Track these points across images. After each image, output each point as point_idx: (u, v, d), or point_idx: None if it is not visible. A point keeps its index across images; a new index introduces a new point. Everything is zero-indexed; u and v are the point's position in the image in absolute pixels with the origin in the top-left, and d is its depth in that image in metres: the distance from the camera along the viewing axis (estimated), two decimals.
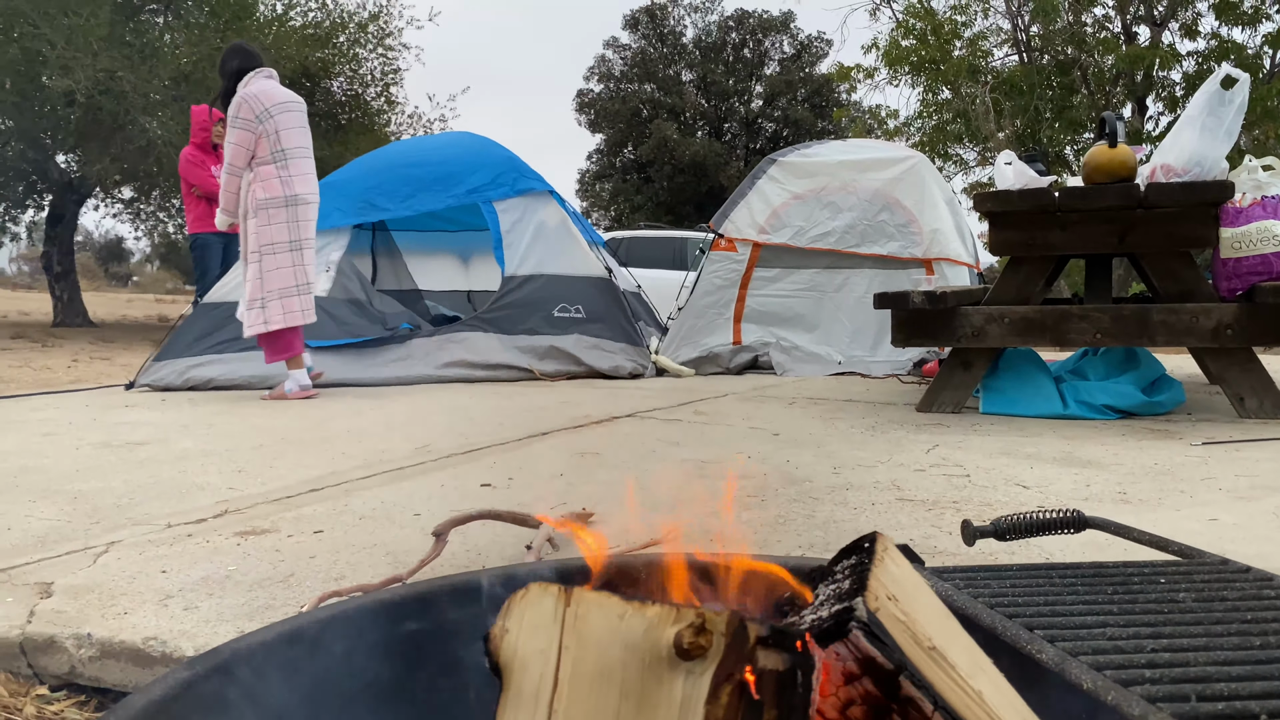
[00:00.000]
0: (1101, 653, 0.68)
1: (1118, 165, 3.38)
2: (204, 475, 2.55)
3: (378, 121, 16.42)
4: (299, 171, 4.57)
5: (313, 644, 0.73)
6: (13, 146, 12.73)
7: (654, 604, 0.43)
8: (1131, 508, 2.05)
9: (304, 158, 4.63)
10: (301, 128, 4.65)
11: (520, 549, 1.73)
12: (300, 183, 4.57)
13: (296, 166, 4.57)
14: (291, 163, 4.55)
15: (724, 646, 0.42)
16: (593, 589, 0.45)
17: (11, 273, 41.14)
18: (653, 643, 0.42)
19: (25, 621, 1.42)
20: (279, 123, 4.52)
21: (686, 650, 0.42)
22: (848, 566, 0.57)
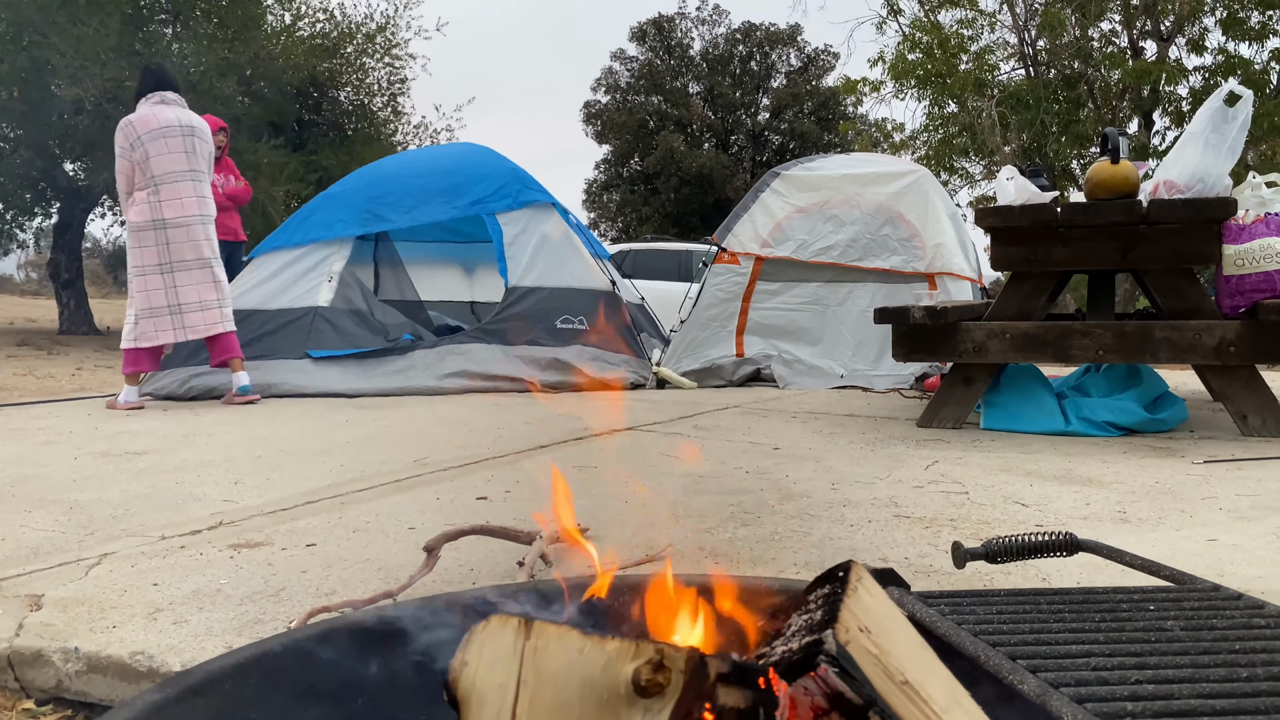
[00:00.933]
0: (1085, 684, 0.67)
1: (1120, 181, 3.37)
2: (201, 486, 2.55)
3: (384, 131, 16.44)
4: (170, 196, 4.71)
5: (284, 668, 0.72)
6: (21, 154, 12.76)
7: (613, 639, 0.42)
8: (1131, 527, 2.03)
9: (177, 182, 4.73)
10: (180, 153, 4.75)
11: (513, 564, 1.72)
12: (170, 207, 4.71)
13: (168, 191, 4.70)
14: (162, 188, 4.69)
15: (683, 684, 0.41)
16: (556, 622, 0.44)
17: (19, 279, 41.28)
18: (611, 679, 0.42)
19: (13, 635, 1.42)
20: (149, 150, 4.67)
21: (644, 687, 0.41)
22: (821, 596, 0.56)
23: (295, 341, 5.20)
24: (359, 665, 0.78)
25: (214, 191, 6.25)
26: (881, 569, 0.86)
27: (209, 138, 4.95)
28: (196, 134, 4.83)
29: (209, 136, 4.96)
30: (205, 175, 4.85)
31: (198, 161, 4.79)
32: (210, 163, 4.95)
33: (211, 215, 4.89)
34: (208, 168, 4.90)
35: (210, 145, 4.96)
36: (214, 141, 6.44)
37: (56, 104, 11.27)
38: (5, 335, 12.30)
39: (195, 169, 4.78)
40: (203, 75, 11.70)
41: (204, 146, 4.87)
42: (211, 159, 4.98)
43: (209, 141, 4.94)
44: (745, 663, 0.43)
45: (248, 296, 5.40)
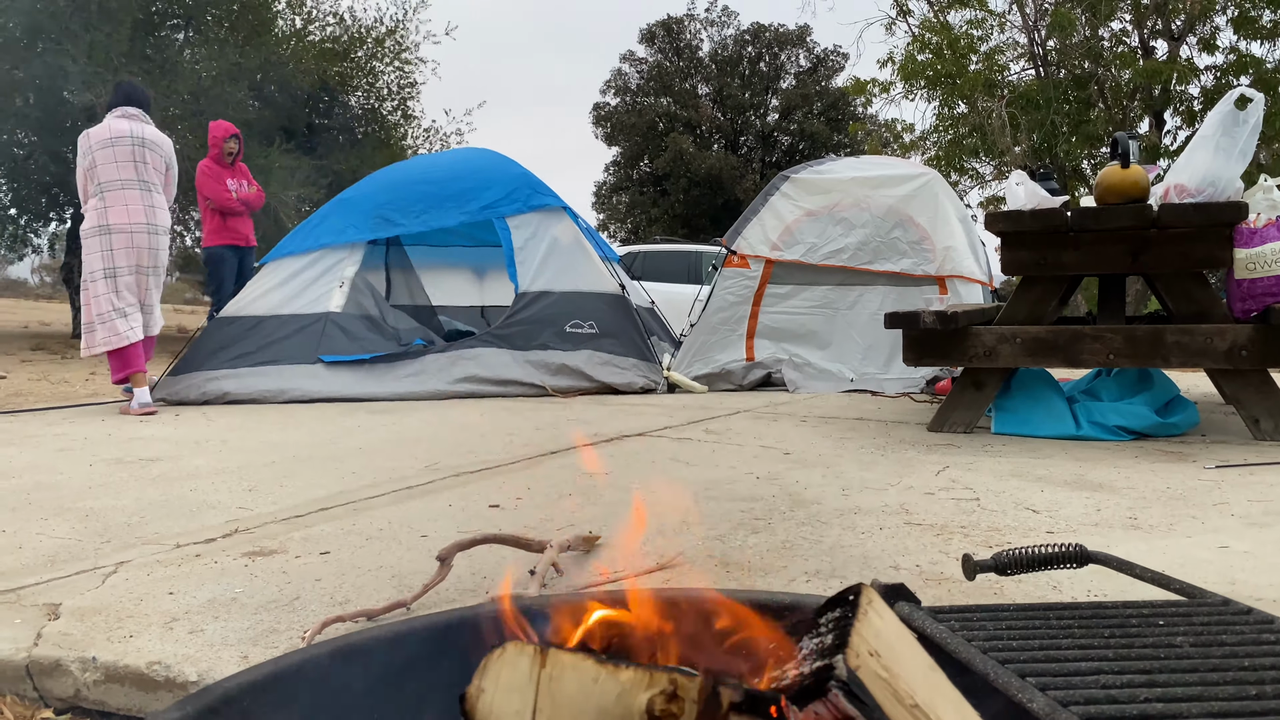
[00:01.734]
0: (1094, 702, 0.67)
1: (1130, 186, 3.37)
2: (215, 493, 2.57)
3: (395, 135, 16.50)
4: (115, 203, 4.83)
5: (300, 685, 0.73)
6: (35, 160, 12.86)
7: (627, 668, 0.43)
8: (1142, 534, 2.03)
9: (123, 189, 4.86)
10: (129, 162, 4.89)
11: (525, 573, 1.73)
12: (115, 213, 4.83)
13: (113, 198, 4.83)
14: (107, 194, 4.83)
15: (696, 713, 0.42)
16: (569, 648, 0.45)
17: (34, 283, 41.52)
18: (625, 708, 0.42)
19: (32, 644, 1.43)
20: (97, 158, 4.85)
21: (659, 717, 0.42)
22: (832, 619, 0.56)
23: (307, 347, 5.23)
24: (374, 682, 0.79)
25: (228, 196, 6.35)
26: (892, 585, 0.87)
27: (167, 152, 5.06)
28: (149, 145, 4.95)
29: (168, 151, 5.06)
30: (158, 186, 4.95)
31: (148, 172, 4.91)
32: (168, 176, 5.07)
33: (162, 225, 4.96)
34: (162, 180, 5.00)
35: (170, 159, 5.07)
36: (226, 147, 6.53)
37: (70, 110, 11.34)
38: (20, 339, 12.38)
39: (145, 179, 4.89)
40: (214, 80, 11.77)
41: (157, 158, 4.97)
42: (171, 172, 5.09)
43: (166, 155, 5.04)
44: (757, 691, 0.44)
45: (260, 302, 5.43)
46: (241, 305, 5.45)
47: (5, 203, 14.28)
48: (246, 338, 5.26)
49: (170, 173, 5.10)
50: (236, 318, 5.38)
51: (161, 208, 4.96)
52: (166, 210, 5.02)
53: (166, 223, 5.00)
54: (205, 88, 11.73)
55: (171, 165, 5.12)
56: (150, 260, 4.91)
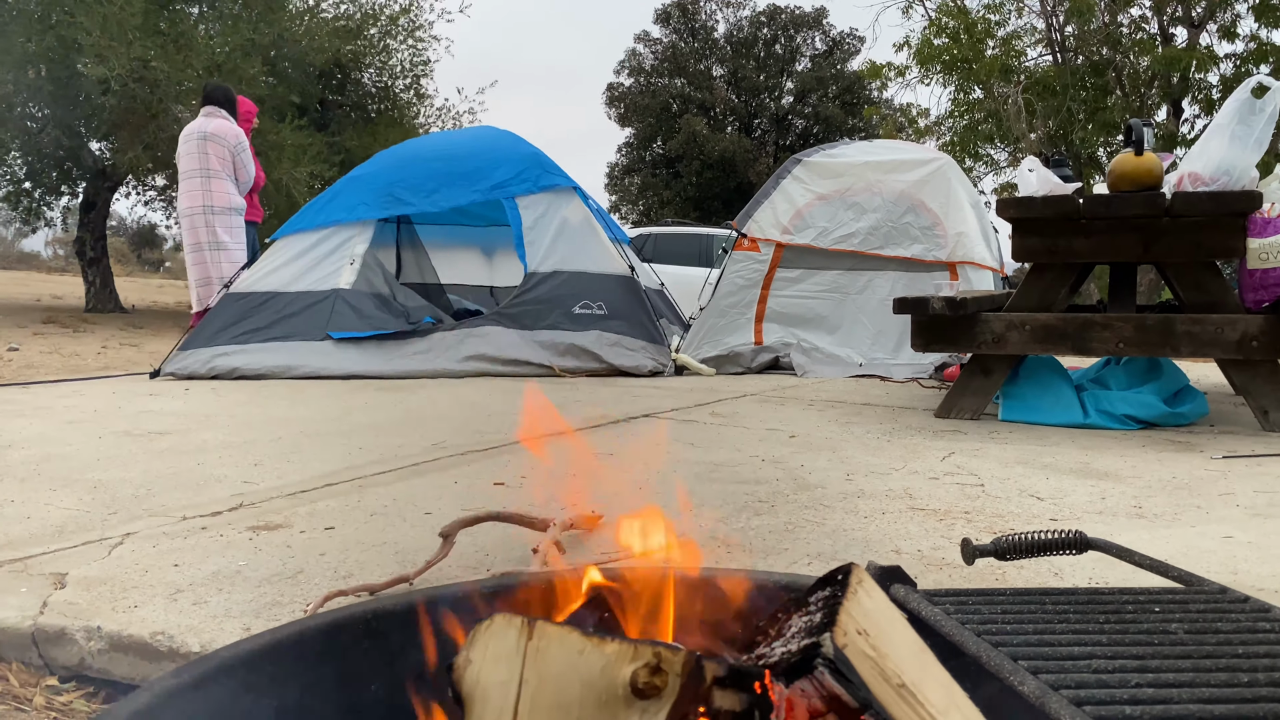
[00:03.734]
0: (1084, 686, 0.67)
1: (1143, 173, 3.35)
2: (222, 467, 2.58)
3: (407, 114, 16.48)
4: (183, 190, 5.90)
5: (296, 655, 0.74)
6: (48, 133, 12.88)
7: (612, 641, 0.43)
8: (1146, 523, 2.03)
9: (187, 179, 5.87)
10: (193, 154, 5.81)
11: (527, 550, 1.73)
12: (181, 200, 5.91)
13: (182, 187, 5.90)
14: (180, 184, 5.89)
15: (679, 687, 0.42)
16: (556, 621, 0.45)
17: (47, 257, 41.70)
18: (609, 680, 0.43)
19: (38, 612, 1.44)
20: (179, 153, 5.90)
21: (642, 689, 0.42)
22: (821, 598, 0.57)
23: (316, 323, 5.24)
24: (371, 653, 0.79)
25: (261, 174, 6.74)
26: (888, 566, 0.87)
27: (230, 141, 5.87)
28: (210, 138, 5.77)
29: (230, 140, 5.88)
30: (218, 173, 5.78)
31: (209, 161, 5.73)
32: (235, 162, 5.89)
33: (216, 207, 5.81)
34: (227, 167, 5.83)
35: (233, 147, 5.89)
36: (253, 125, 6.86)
37: (83, 83, 11.35)
38: (33, 312, 12.44)
39: (206, 167, 5.72)
40: (227, 56, 11.75)
41: (220, 148, 5.80)
42: (239, 158, 5.90)
43: (229, 144, 5.85)
44: (742, 666, 0.44)
45: (270, 278, 5.44)
46: (252, 281, 5.46)
47: (19, 175, 14.33)
48: (256, 313, 5.28)
49: (239, 157, 5.88)
50: (247, 293, 5.40)
51: (215, 190, 5.76)
52: (228, 193, 5.83)
53: (224, 204, 5.82)
54: (219, 63, 11.72)
55: (237, 152, 5.89)
56: (202, 238, 5.78)
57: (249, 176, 6.03)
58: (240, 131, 6.04)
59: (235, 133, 5.91)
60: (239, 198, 6.01)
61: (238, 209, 5.98)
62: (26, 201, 14.74)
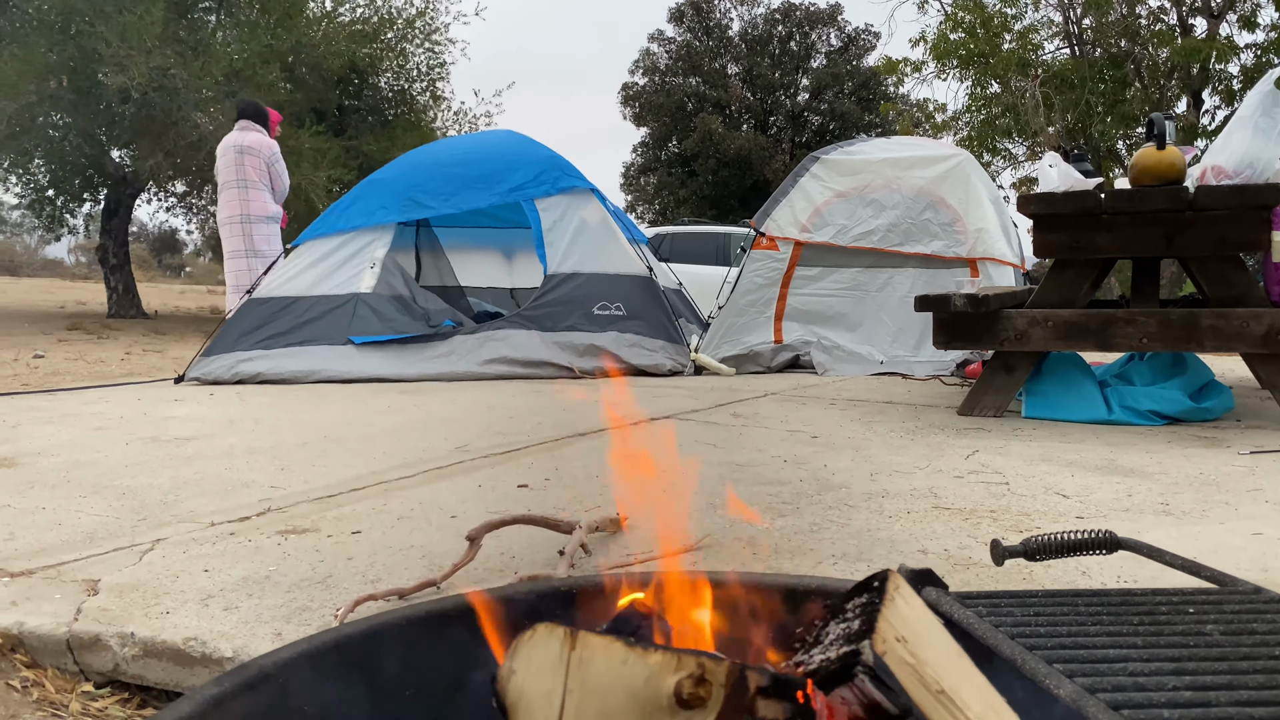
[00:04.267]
0: (1121, 690, 0.67)
1: (1166, 168, 3.32)
2: (248, 472, 2.60)
3: (424, 117, 16.54)
4: (222, 201, 6.24)
5: (334, 662, 0.75)
6: (70, 141, 13.01)
7: (656, 651, 0.43)
8: (1173, 519, 2.02)
9: (225, 190, 6.17)
10: (231, 165, 6.12)
11: (553, 553, 1.74)
12: (220, 210, 6.24)
13: (222, 198, 6.24)
14: (220, 194, 6.23)
15: (723, 697, 0.42)
16: (598, 632, 0.45)
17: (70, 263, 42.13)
18: (654, 691, 0.43)
19: (72, 619, 1.46)
20: (218, 165, 6.24)
21: (686, 700, 0.42)
22: (859, 605, 0.57)
23: (338, 327, 5.27)
24: (408, 660, 0.80)
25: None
26: (919, 570, 0.87)
27: (265, 153, 6.15)
28: (246, 151, 6.05)
29: (265, 151, 6.16)
30: (255, 184, 6.05)
31: (246, 172, 6.00)
32: (271, 171, 6.16)
33: (254, 216, 6.05)
34: (260, 177, 6.08)
35: (268, 158, 6.16)
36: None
37: (104, 92, 11.45)
38: (57, 319, 12.57)
39: (243, 179, 6.00)
40: (246, 63, 11.83)
41: (255, 160, 6.08)
42: (274, 168, 6.18)
43: (264, 155, 6.13)
44: (784, 675, 0.44)
45: (293, 283, 5.48)
46: (274, 286, 5.50)
47: (42, 183, 14.48)
48: (279, 318, 5.32)
49: (274, 168, 6.15)
50: (269, 298, 5.43)
51: (252, 199, 6.04)
52: (265, 203, 6.10)
53: (259, 212, 6.09)
54: (238, 70, 11.80)
55: (271, 163, 6.16)
56: (239, 245, 6.04)
57: (284, 186, 6.33)
58: (273, 143, 6.30)
59: (269, 145, 6.20)
60: (275, 206, 6.27)
61: (274, 217, 6.23)
62: (50, 209, 14.90)
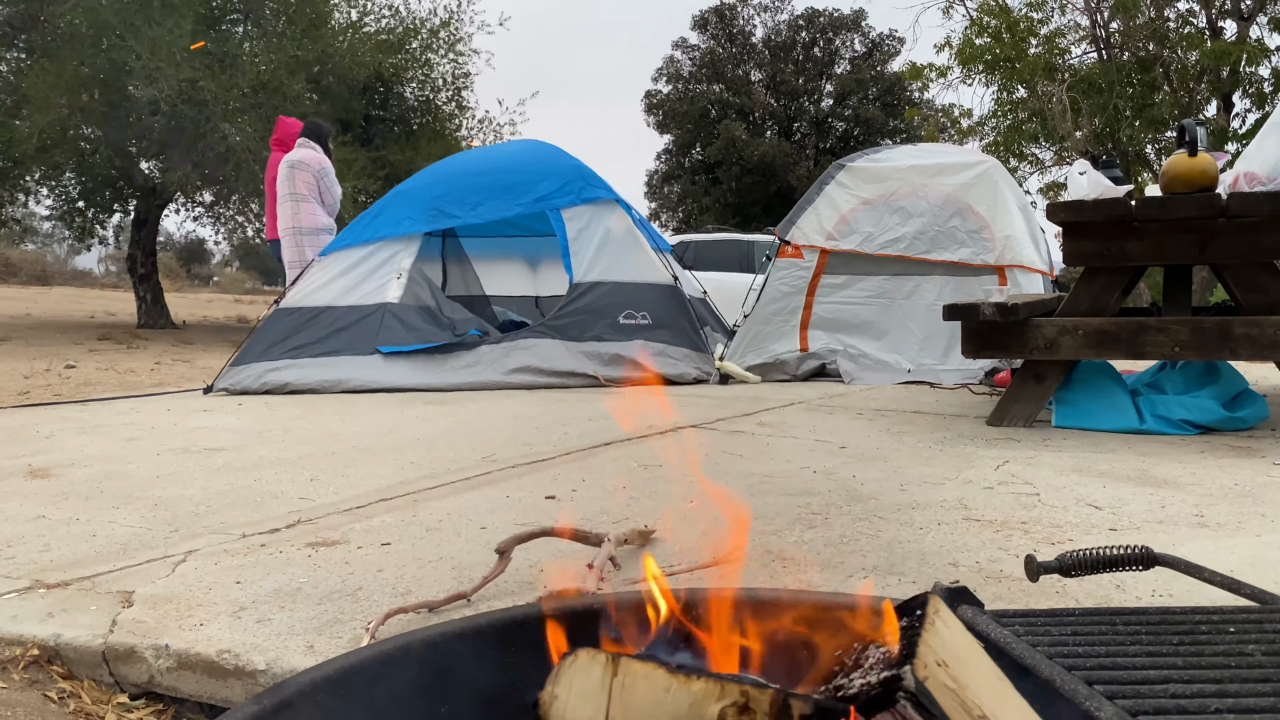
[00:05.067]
0: (1163, 712, 0.66)
1: (1198, 174, 3.29)
2: (278, 484, 2.62)
3: (449, 126, 16.65)
4: (273, 216, 6.67)
5: (370, 680, 0.75)
6: (101, 154, 13.19)
7: (699, 679, 0.43)
8: (1209, 532, 1.99)
9: (279, 204, 6.48)
10: (284, 181, 6.45)
11: (582, 565, 1.74)
12: (271, 226, 6.69)
13: (275, 211, 6.61)
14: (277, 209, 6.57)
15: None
16: (640, 657, 0.45)
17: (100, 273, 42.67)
18: (698, 718, 0.43)
19: (108, 631, 1.48)
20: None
21: None
22: (899, 629, 0.56)
23: (366, 337, 5.31)
24: (443, 677, 0.80)
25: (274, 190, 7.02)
26: (955, 587, 0.86)
27: (314, 167, 6.45)
28: (296, 166, 6.37)
29: (314, 166, 6.46)
30: (305, 197, 6.35)
31: (296, 186, 6.32)
32: (320, 185, 6.44)
33: (304, 228, 6.35)
34: (310, 190, 6.37)
35: (317, 171, 6.45)
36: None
37: (133, 105, 11.61)
38: (88, 329, 12.72)
39: (294, 192, 6.32)
40: (273, 74, 11.95)
41: (306, 174, 6.37)
42: (324, 181, 6.47)
43: (313, 169, 6.42)
44: (827, 701, 0.44)
45: (320, 294, 5.52)
46: (302, 296, 5.54)
47: (73, 195, 14.68)
48: (306, 328, 5.36)
49: (323, 181, 6.44)
50: (297, 308, 5.48)
51: (302, 212, 6.34)
52: (315, 214, 6.38)
53: (313, 224, 6.37)
54: (264, 81, 11.92)
55: (320, 176, 6.45)
56: (291, 257, 6.31)
57: (334, 199, 6.57)
58: (324, 159, 6.58)
59: (319, 159, 6.48)
60: (326, 218, 6.50)
61: (325, 229, 6.44)
62: (80, 220, 15.11)
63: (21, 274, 34.65)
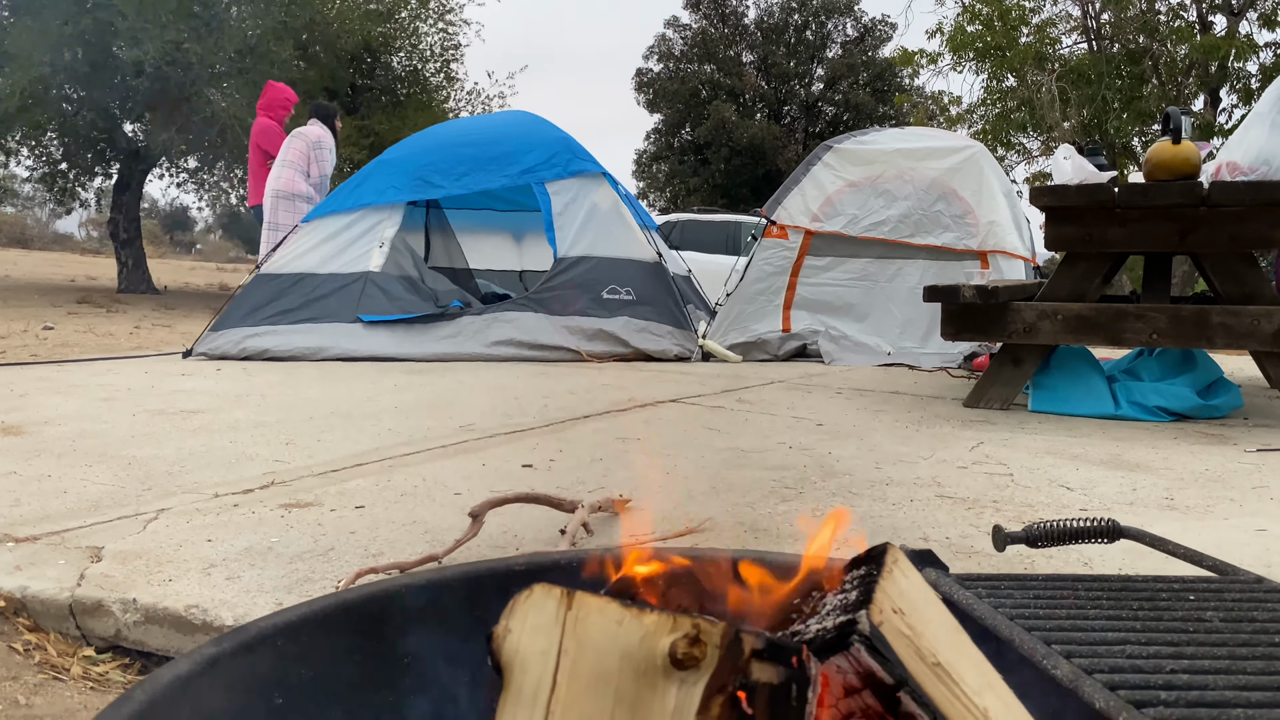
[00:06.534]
0: (1118, 671, 0.67)
1: (1180, 162, 3.30)
2: (253, 446, 2.61)
3: (437, 98, 16.52)
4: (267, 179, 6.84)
5: (333, 627, 0.75)
6: (84, 115, 13.03)
7: (652, 612, 0.43)
8: (1178, 515, 2.01)
9: (274, 168, 6.68)
10: (281, 148, 6.70)
11: (555, 532, 1.74)
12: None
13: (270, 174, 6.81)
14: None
15: (718, 658, 0.42)
16: (597, 593, 0.45)
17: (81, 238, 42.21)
18: (648, 651, 0.43)
19: (75, 584, 1.47)
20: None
21: (681, 660, 0.42)
22: (856, 577, 0.57)
23: (347, 305, 5.28)
24: (407, 628, 0.80)
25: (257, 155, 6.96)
26: (920, 550, 0.87)
27: (308, 137, 6.62)
28: (296, 135, 6.65)
29: (309, 136, 6.62)
30: (293, 164, 6.54)
31: (289, 153, 6.58)
32: (312, 156, 6.62)
33: (282, 191, 6.49)
34: (299, 158, 6.57)
35: (312, 143, 6.62)
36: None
37: (118, 66, 11.46)
38: (67, 292, 12.60)
39: (285, 159, 6.56)
40: (260, 39, 11.82)
41: (299, 144, 6.60)
42: (316, 153, 6.64)
43: (306, 140, 6.61)
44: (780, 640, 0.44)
45: (301, 260, 5.48)
46: (283, 263, 5.51)
47: (55, 156, 14.51)
48: (287, 295, 5.32)
49: (314, 153, 6.63)
50: (278, 275, 5.44)
51: (289, 179, 6.50)
52: (295, 181, 6.53)
53: (291, 189, 6.51)
54: (251, 46, 11.79)
55: (313, 148, 6.63)
56: (271, 218, 6.44)
57: (320, 174, 6.67)
58: (322, 132, 6.75)
59: (318, 133, 6.70)
60: (305, 186, 6.58)
61: (300, 195, 6.51)
62: (61, 182, 14.93)
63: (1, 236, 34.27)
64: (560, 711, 0.44)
